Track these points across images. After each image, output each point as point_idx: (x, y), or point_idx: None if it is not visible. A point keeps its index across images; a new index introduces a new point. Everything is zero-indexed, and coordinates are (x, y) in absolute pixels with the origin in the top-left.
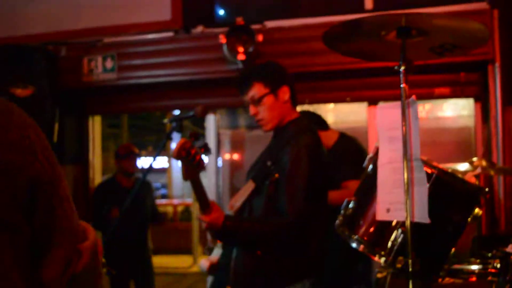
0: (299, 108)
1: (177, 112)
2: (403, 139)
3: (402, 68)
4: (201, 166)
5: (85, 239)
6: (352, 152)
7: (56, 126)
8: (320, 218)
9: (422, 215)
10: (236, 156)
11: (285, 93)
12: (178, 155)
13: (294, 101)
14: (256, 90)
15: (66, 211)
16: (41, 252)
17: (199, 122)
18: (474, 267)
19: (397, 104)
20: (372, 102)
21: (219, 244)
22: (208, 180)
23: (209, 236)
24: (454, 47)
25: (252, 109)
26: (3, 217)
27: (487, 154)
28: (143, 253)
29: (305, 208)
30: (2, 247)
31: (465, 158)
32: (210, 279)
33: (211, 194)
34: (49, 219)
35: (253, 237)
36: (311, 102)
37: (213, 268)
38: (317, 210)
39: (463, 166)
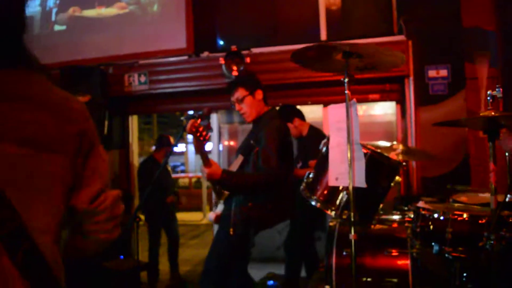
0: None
1: (190, 112)
2: (347, 129)
3: (346, 80)
4: (206, 139)
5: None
6: (318, 139)
7: (106, 123)
8: (287, 179)
9: (360, 182)
10: (232, 143)
11: (259, 94)
12: (189, 131)
13: (265, 100)
14: (240, 93)
15: (99, 164)
16: (77, 186)
17: (206, 119)
18: (396, 217)
19: (343, 105)
20: (326, 104)
21: (221, 201)
22: (212, 159)
23: (214, 196)
24: (373, 67)
25: (237, 107)
26: (63, 146)
27: (404, 140)
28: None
29: (276, 165)
30: (58, 165)
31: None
32: (216, 226)
33: None
34: (87, 163)
35: (241, 184)
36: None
37: (218, 218)
38: (284, 172)
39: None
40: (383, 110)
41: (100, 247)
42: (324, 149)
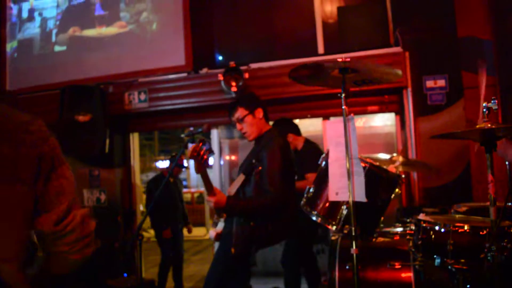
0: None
1: (191, 128)
2: (345, 144)
3: (343, 95)
4: (207, 163)
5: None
6: (313, 152)
7: (107, 141)
8: (290, 197)
9: (360, 196)
10: (233, 157)
11: (259, 113)
12: (191, 156)
13: (267, 118)
14: (240, 113)
15: (64, 185)
16: (40, 210)
17: (207, 135)
18: (397, 230)
19: (341, 119)
20: (325, 117)
21: (222, 219)
22: (213, 174)
23: (215, 214)
24: (370, 81)
25: (238, 126)
26: (20, 174)
27: (405, 152)
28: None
29: (281, 187)
30: (15, 195)
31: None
32: (216, 244)
33: (216, 184)
34: (49, 186)
35: (247, 209)
36: None
37: (219, 236)
38: (288, 192)
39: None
40: (383, 122)
41: (73, 266)
42: (323, 163)
